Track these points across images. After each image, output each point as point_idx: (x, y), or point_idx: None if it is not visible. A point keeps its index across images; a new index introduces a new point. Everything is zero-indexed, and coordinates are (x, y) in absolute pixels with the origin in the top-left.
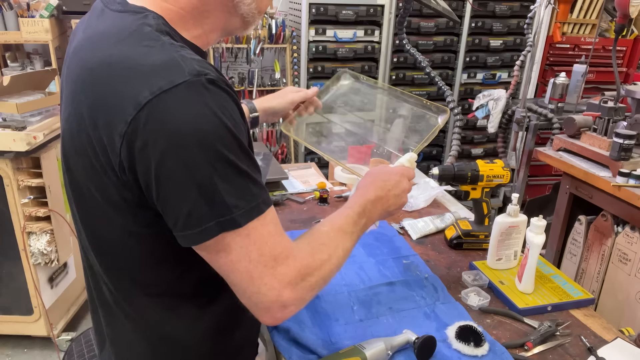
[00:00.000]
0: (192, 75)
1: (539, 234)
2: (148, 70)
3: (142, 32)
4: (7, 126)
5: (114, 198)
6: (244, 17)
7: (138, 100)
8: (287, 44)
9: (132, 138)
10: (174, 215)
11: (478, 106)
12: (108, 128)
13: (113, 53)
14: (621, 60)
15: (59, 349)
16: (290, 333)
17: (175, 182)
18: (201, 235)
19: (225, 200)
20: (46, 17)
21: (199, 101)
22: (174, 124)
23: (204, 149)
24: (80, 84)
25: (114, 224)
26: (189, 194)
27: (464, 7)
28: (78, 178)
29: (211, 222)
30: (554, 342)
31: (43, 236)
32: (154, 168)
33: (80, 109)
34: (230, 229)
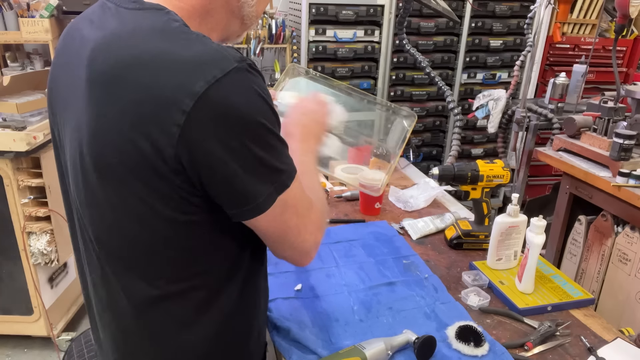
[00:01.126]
0: (237, 61)
1: (539, 234)
2: (197, 61)
3: (173, 27)
4: (7, 126)
5: (163, 191)
6: (244, 19)
7: (194, 90)
8: (287, 44)
9: (192, 127)
10: (239, 191)
11: (478, 106)
12: (160, 121)
13: (150, 48)
14: (621, 60)
15: (59, 349)
16: (290, 333)
17: (239, 160)
18: (265, 202)
19: (278, 167)
20: (46, 17)
21: (248, 85)
22: (232, 108)
23: (259, 127)
24: (112, 83)
25: (148, 223)
26: (252, 168)
27: (464, 7)
28: (107, 179)
29: (271, 189)
30: (554, 342)
31: (43, 236)
32: (217, 151)
33: (114, 107)
34: (282, 190)
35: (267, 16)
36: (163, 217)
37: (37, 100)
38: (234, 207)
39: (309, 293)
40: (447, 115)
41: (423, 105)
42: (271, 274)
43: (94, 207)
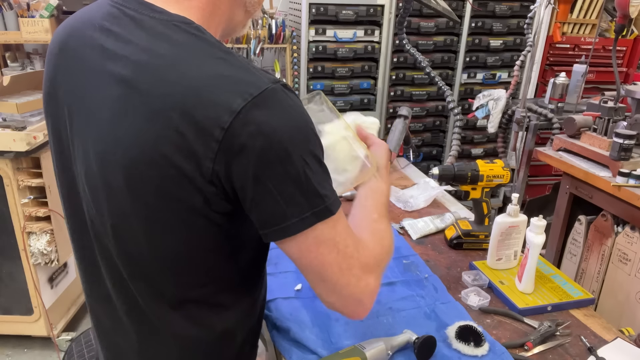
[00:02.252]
0: (271, 82)
1: (539, 234)
2: (234, 81)
3: (206, 47)
4: (7, 126)
5: (196, 205)
6: (246, 5)
7: (232, 107)
8: (287, 44)
9: (230, 143)
10: (270, 210)
11: (478, 106)
12: (201, 137)
13: (190, 73)
14: (621, 60)
15: (59, 349)
16: (290, 333)
17: (273, 179)
18: (298, 225)
19: (319, 191)
20: (46, 17)
21: (285, 103)
22: (268, 126)
23: (297, 146)
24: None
25: (179, 234)
26: (287, 188)
27: (464, 7)
28: (138, 192)
29: (307, 213)
30: (554, 342)
31: (43, 236)
32: (252, 169)
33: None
34: (323, 218)
35: (267, 16)
36: (194, 227)
37: (37, 100)
38: (265, 227)
39: (309, 293)
40: (447, 115)
41: (423, 105)
42: (271, 274)
43: (122, 220)
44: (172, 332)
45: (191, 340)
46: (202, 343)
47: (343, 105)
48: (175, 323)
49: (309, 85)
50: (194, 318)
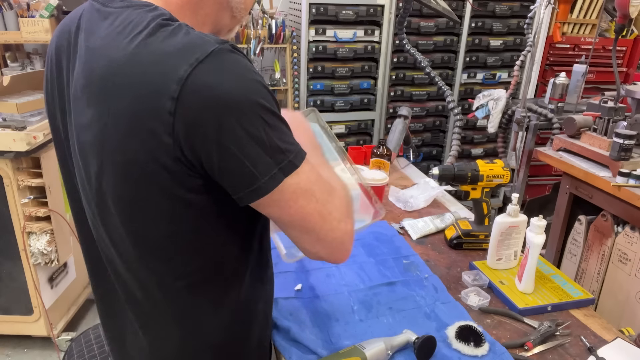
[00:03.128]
0: (218, 43)
1: (539, 234)
2: (179, 49)
3: (159, 22)
4: (7, 126)
5: (171, 182)
6: (233, 11)
7: (179, 75)
8: (287, 44)
9: (183, 112)
10: (238, 174)
11: (478, 106)
12: (154, 111)
13: (138, 45)
14: (621, 60)
15: (59, 349)
16: (290, 333)
17: (235, 142)
18: (268, 184)
19: (280, 147)
20: (46, 17)
21: (233, 63)
22: (220, 88)
23: (252, 105)
24: (107, 87)
25: (161, 215)
26: (251, 149)
27: (464, 7)
28: (117, 177)
29: (274, 169)
30: (554, 342)
31: (43, 236)
32: (212, 135)
33: (113, 109)
34: (290, 171)
35: (267, 16)
36: (169, 211)
37: (37, 100)
38: (238, 191)
39: (309, 293)
40: (447, 115)
41: (423, 105)
42: None
43: (122, 207)
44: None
45: (192, 327)
46: (205, 329)
47: (343, 105)
48: (174, 309)
49: (309, 85)
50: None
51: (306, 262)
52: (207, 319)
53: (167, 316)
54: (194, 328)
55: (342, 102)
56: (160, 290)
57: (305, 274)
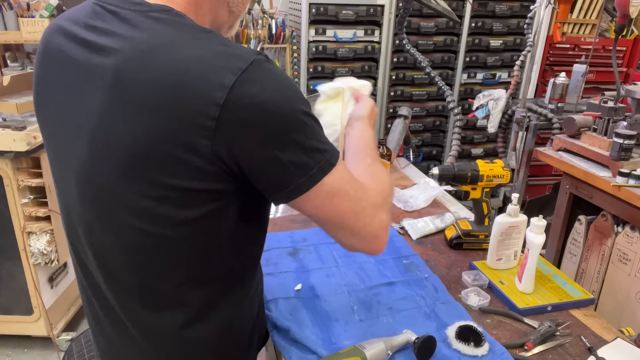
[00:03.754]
0: (255, 54)
1: (539, 234)
2: (221, 58)
3: (187, 30)
4: (7, 126)
5: (193, 186)
6: (229, 6)
7: (224, 83)
8: (287, 44)
9: (227, 118)
10: (278, 175)
11: (478, 106)
12: (197, 116)
13: (175, 56)
14: (621, 60)
15: (59, 349)
16: (290, 333)
17: (278, 146)
18: (307, 183)
19: (319, 148)
20: (46, 17)
21: (272, 72)
22: (262, 95)
23: (292, 110)
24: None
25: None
26: (292, 152)
27: (464, 7)
28: (127, 187)
29: (314, 169)
30: (554, 342)
31: (43, 236)
32: (255, 140)
33: (147, 111)
34: (328, 170)
35: (267, 16)
36: (189, 213)
37: None
38: (276, 191)
39: (309, 293)
40: (447, 115)
41: (423, 105)
42: (271, 274)
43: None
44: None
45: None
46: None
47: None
48: (155, 320)
49: (309, 85)
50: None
51: (306, 262)
52: (201, 318)
53: (160, 314)
54: (186, 327)
55: None
56: (150, 288)
57: (305, 274)
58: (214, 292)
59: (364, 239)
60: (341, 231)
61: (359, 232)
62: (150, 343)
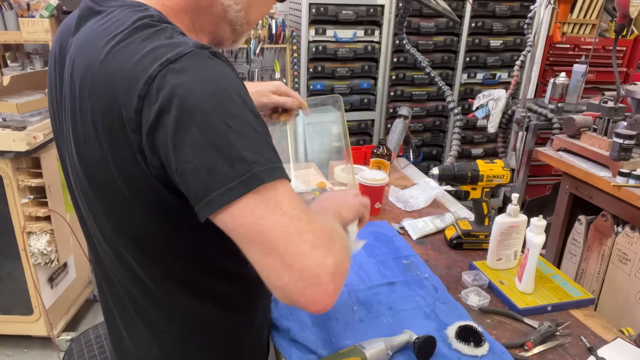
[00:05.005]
0: (196, 47)
1: (539, 234)
2: (155, 49)
3: (143, 23)
4: (7, 126)
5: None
6: (232, 24)
7: (148, 73)
8: (287, 44)
9: (147, 111)
10: (194, 182)
11: (478, 106)
12: (125, 110)
13: (116, 44)
14: (621, 60)
15: (59, 349)
16: (290, 333)
17: (192, 146)
18: (224, 196)
19: (245, 157)
20: (46, 17)
21: (205, 67)
22: (184, 90)
23: (216, 108)
24: (85, 85)
25: (138, 212)
26: (207, 156)
27: (464, 7)
28: (99, 175)
29: (234, 182)
30: (554, 342)
31: (43, 236)
32: (170, 135)
33: (91, 108)
34: (254, 186)
35: (267, 16)
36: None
37: (37, 100)
38: (194, 202)
39: None
40: (447, 115)
41: (423, 105)
42: None
43: (94, 205)
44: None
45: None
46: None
47: (343, 105)
48: (169, 306)
49: (309, 85)
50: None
51: None
52: (204, 316)
53: (163, 313)
54: (191, 325)
55: None
56: (153, 286)
57: None
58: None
59: (300, 277)
60: (269, 260)
61: (292, 263)
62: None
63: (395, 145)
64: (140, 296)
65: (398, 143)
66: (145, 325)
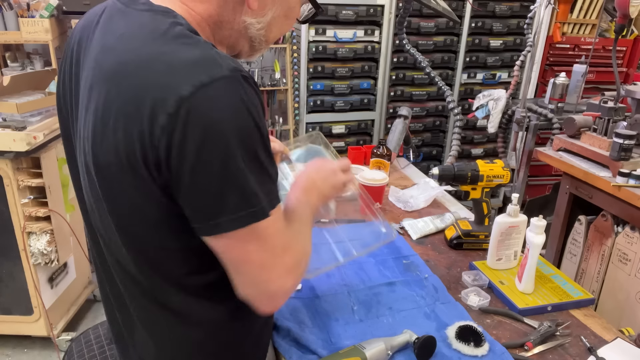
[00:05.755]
0: (229, 70)
1: (539, 234)
2: (188, 65)
3: (175, 31)
4: (7, 126)
5: (148, 192)
6: (252, 40)
7: (180, 93)
8: (287, 44)
9: (173, 130)
10: (204, 204)
11: (478, 106)
12: (150, 121)
13: (150, 49)
14: (621, 60)
15: (59, 349)
16: (290, 333)
17: (210, 173)
18: (231, 223)
19: (256, 192)
20: (46, 17)
21: (236, 97)
22: (213, 118)
23: (239, 143)
24: (112, 84)
25: (141, 213)
26: (223, 185)
27: (464, 7)
28: (110, 176)
29: (242, 212)
30: (554, 342)
31: (43, 236)
32: (191, 160)
33: (112, 106)
34: (259, 218)
35: None
36: (153, 218)
37: (37, 100)
38: (196, 220)
39: (309, 293)
40: (447, 115)
41: (423, 105)
42: None
43: (101, 203)
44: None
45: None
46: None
47: (343, 105)
48: (171, 305)
49: (309, 85)
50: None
51: None
52: (206, 317)
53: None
54: (192, 325)
55: (342, 102)
56: (153, 288)
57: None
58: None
59: (260, 294)
60: (241, 277)
61: (258, 285)
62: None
63: (395, 145)
64: (140, 295)
65: (398, 143)
66: (144, 326)
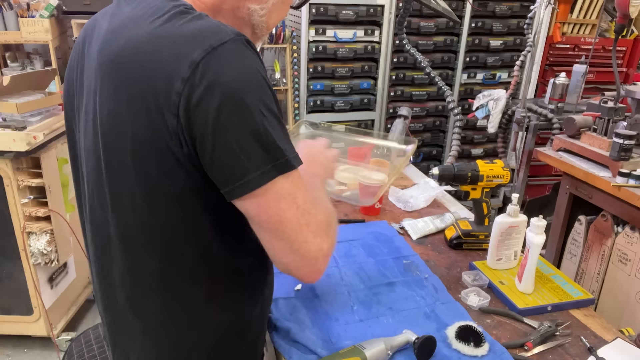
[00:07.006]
0: (235, 34)
1: (539, 234)
2: (195, 34)
3: (180, 10)
4: (7, 126)
5: (171, 166)
6: (254, 27)
7: (192, 58)
8: (287, 44)
9: (190, 94)
10: (230, 165)
11: (478, 106)
12: (165, 90)
13: (156, 27)
14: (621, 60)
15: (59, 349)
16: (290, 333)
17: (232, 131)
18: (259, 179)
19: (278, 144)
20: (46, 17)
21: (246, 56)
22: (227, 77)
23: (255, 99)
24: (120, 64)
25: (159, 200)
26: (246, 141)
27: (464, 7)
28: (126, 155)
29: (268, 165)
30: (554, 342)
31: (43, 236)
32: (211, 120)
33: (124, 86)
34: (284, 171)
35: None
36: (172, 193)
37: (37, 100)
38: (227, 183)
39: (309, 293)
40: (447, 115)
41: (423, 105)
42: None
43: (115, 188)
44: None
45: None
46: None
47: (343, 105)
48: (170, 304)
49: (309, 85)
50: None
51: None
52: (203, 318)
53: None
54: (189, 326)
55: (342, 102)
56: (156, 282)
57: None
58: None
59: (302, 259)
60: (280, 243)
61: (299, 248)
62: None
63: None
64: (139, 294)
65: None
66: (141, 323)
